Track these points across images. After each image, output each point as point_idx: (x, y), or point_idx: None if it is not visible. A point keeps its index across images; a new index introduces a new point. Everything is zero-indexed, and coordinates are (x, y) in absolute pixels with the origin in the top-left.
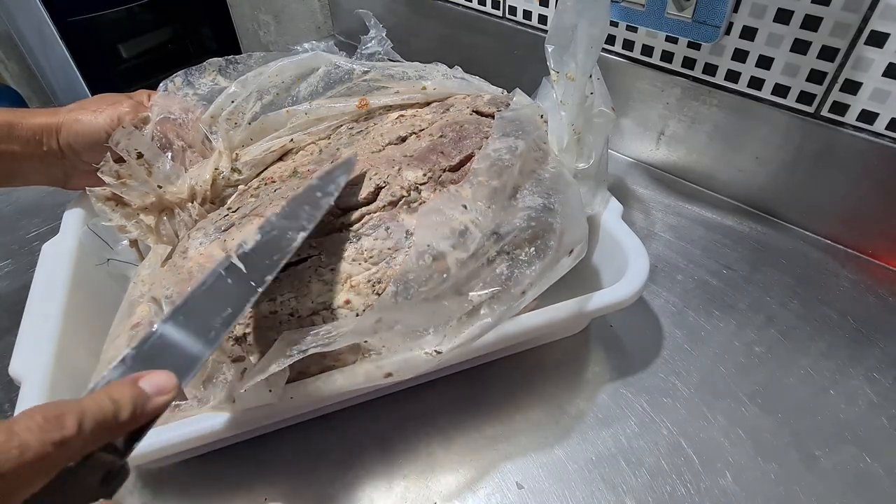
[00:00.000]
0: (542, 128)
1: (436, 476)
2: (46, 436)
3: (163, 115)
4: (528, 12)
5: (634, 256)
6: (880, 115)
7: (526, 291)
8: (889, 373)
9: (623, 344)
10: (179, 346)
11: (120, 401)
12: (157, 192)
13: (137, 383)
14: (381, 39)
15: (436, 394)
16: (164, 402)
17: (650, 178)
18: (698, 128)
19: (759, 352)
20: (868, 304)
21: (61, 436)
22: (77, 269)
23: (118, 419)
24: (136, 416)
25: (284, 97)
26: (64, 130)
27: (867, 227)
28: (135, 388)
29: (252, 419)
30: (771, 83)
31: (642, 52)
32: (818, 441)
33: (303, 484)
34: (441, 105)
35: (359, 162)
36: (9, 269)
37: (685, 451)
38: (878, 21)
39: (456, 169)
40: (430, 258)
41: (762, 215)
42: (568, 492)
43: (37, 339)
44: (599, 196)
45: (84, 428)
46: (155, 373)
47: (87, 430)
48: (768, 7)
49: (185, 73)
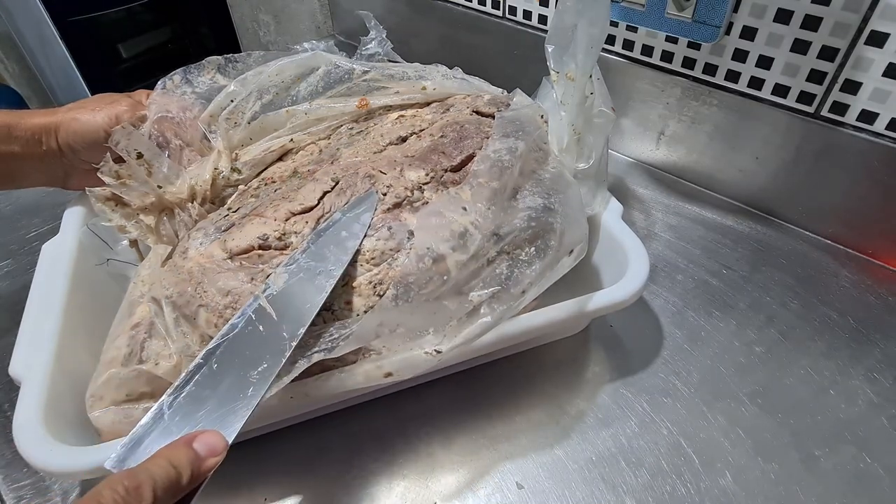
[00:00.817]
0: (543, 128)
1: (436, 476)
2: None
3: (160, 113)
4: (528, 12)
5: (634, 256)
6: (880, 115)
7: (526, 291)
8: (889, 373)
9: (623, 344)
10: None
11: (180, 466)
12: (157, 192)
13: (192, 445)
14: (381, 41)
15: (436, 394)
16: (215, 464)
17: (650, 178)
18: (698, 128)
19: (759, 352)
20: (868, 304)
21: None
22: (77, 269)
23: (180, 484)
24: (193, 480)
25: (284, 97)
26: (62, 129)
27: (867, 227)
28: (190, 452)
29: (252, 419)
30: (771, 83)
31: (642, 52)
32: (818, 441)
33: (303, 484)
34: (441, 105)
35: (360, 163)
36: (9, 269)
37: (685, 451)
38: (878, 21)
39: (457, 169)
40: (430, 261)
41: (762, 215)
42: (568, 492)
43: (37, 339)
44: (599, 196)
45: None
46: (207, 433)
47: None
48: (768, 7)
49: (183, 70)
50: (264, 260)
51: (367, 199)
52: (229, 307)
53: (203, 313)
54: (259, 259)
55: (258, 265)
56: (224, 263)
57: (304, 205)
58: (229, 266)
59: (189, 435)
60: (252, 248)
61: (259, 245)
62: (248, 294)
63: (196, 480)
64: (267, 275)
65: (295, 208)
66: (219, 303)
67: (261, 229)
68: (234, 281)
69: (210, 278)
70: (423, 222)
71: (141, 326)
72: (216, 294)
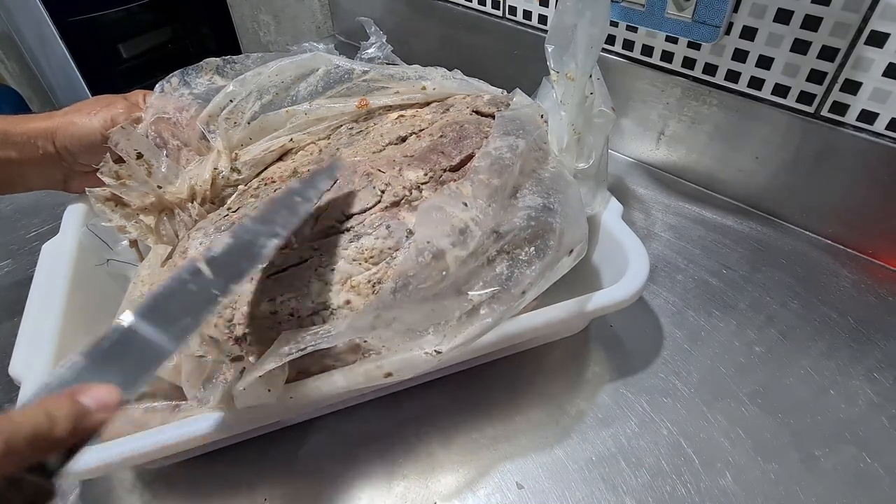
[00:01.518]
0: (543, 127)
1: (436, 476)
2: None
3: (157, 114)
4: (528, 12)
5: (634, 256)
6: (880, 115)
7: (526, 291)
8: (889, 373)
9: (623, 344)
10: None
11: (57, 417)
12: (157, 192)
13: (77, 397)
14: (381, 45)
15: (436, 394)
16: (104, 419)
17: (650, 178)
18: (698, 128)
19: (759, 352)
20: (868, 304)
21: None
22: (77, 269)
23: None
24: (74, 434)
25: (284, 97)
26: (59, 134)
27: (867, 227)
28: (74, 404)
29: (252, 419)
30: (771, 83)
31: (642, 52)
32: (818, 441)
33: (303, 484)
34: (441, 105)
35: (360, 163)
36: (9, 269)
37: (685, 451)
38: (878, 21)
39: (457, 169)
40: (429, 255)
41: (762, 215)
42: (568, 492)
43: (37, 339)
44: (599, 196)
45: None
46: (96, 386)
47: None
48: (768, 7)
49: (181, 72)
50: None
51: (328, 170)
52: (229, 307)
53: None
54: None
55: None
56: None
57: None
58: None
59: (79, 387)
60: None
61: None
62: (248, 293)
63: (79, 434)
64: (268, 275)
65: None
66: None
67: None
68: None
69: None
70: (423, 217)
71: None
72: None
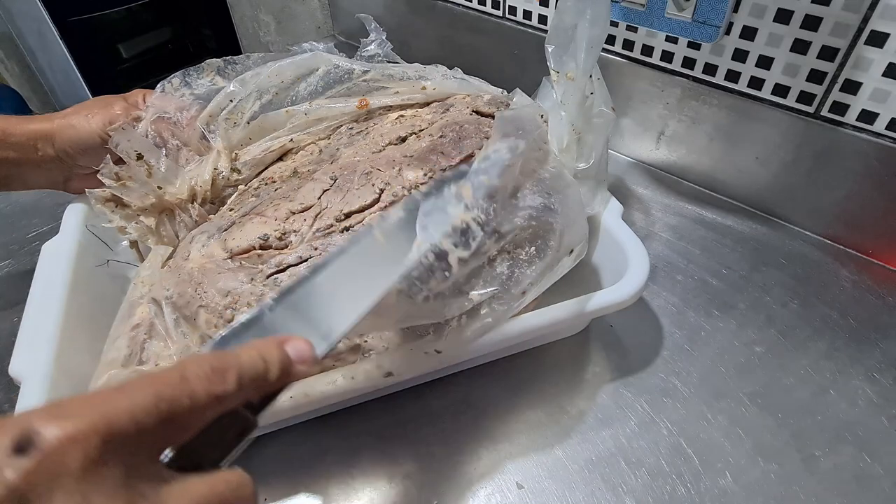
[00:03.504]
0: (543, 128)
1: (436, 476)
2: (213, 388)
3: (157, 114)
4: (528, 12)
5: (634, 256)
6: (880, 115)
7: (526, 291)
8: (889, 373)
9: (623, 344)
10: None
11: (270, 361)
12: (157, 193)
13: (284, 346)
14: (381, 42)
15: (436, 394)
16: (303, 372)
17: (650, 178)
18: (698, 128)
19: (759, 352)
20: (868, 304)
21: (223, 390)
22: (77, 269)
23: (266, 379)
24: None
25: (284, 97)
26: (58, 137)
27: (867, 227)
28: (282, 352)
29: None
30: (771, 83)
31: (642, 52)
32: (818, 441)
33: (303, 484)
34: (441, 105)
35: (359, 162)
36: (9, 269)
37: (685, 451)
38: (878, 21)
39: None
40: (431, 256)
41: (762, 215)
42: (568, 492)
43: (37, 339)
44: (599, 196)
45: (242, 384)
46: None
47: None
48: (768, 7)
49: (182, 73)
50: (263, 260)
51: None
52: (229, 307)
53: (203, 314)
54: (259, 259)
55: (258, 265)
56: (224, 263)
57: (304, 204)
58: (229, 266)
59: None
60: (252, 248)
61: (259, 245)
62: (248, 294)
63: (283, 381)
64: (267, 275)
65: (295, 207)
66: (219, 303)
67: (261, 229)
68: (233, 282)
69: (210, 279)
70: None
71: (141, 327)
72: (216, 295)
